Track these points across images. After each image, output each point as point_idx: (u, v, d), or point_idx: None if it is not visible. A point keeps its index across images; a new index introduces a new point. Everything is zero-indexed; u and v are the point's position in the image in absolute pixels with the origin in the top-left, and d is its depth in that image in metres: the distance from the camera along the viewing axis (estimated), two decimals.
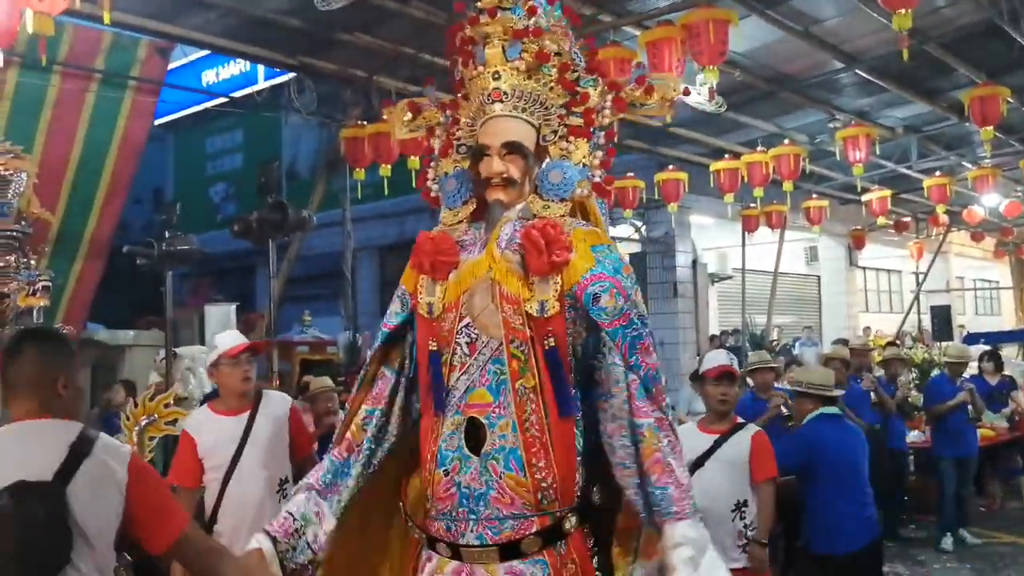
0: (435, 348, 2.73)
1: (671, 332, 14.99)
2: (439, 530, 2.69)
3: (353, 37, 8.29)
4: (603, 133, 2.85)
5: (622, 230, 16.09)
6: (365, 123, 9.05)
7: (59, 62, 7.24)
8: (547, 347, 2.61)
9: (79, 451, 2.46)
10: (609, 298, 2.62)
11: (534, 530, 2.59)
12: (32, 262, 4.40)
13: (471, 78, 2.85)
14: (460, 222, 2.86)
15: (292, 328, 12.68)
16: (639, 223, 15.30)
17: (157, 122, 12.82)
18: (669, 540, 2.53)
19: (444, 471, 2.68)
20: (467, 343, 2.68)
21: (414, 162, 8.81)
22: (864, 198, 14.19)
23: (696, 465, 3.99)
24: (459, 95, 2.91)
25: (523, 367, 2.64)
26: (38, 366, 2.57)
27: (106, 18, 4.78)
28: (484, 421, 2.65)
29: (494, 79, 2.79)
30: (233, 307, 11.10)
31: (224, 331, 4.70)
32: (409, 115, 3.01)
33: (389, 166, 9.01)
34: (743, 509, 4.25)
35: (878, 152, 11.49)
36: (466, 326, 2.69)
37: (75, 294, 8.42)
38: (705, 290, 16.49)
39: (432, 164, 2.94)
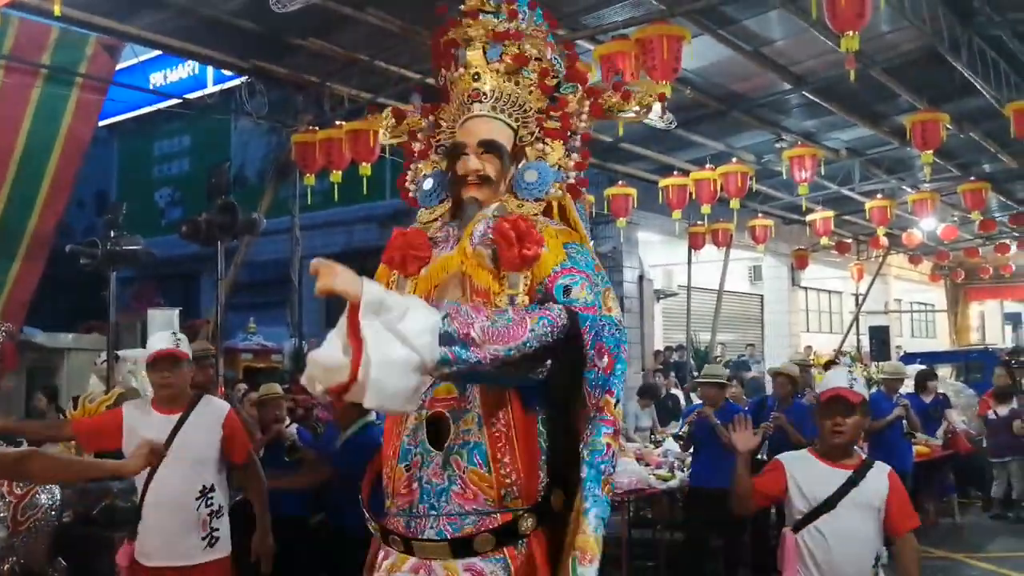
0: None
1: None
2: (397, 526, 2.67)
3: (307, 42, 8.24)
4: (578, 137, 2.89)
5: None
6: (317, 128, 9.00)
7: (3, 55, 7.09)
8: None
9: None
10: (580, 290, 2.62)
11: (493, 527, 2.58)
12: None
13: (452, 81, 2.90)
14: (435, 220, 2.89)
15: (236, 336, 12.52)
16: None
17: (102, 123, 12.59)
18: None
19: (405, 466, 2.68)
20: None
21: (365, 169, 8.79)
22: (808, 218, 14.46)
23: (826, 506, 3.50)
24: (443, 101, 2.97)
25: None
26: None
27: (56, 10, 4.71)
28: (448, 415, 2.64)
29: (474, 80, 2.84)
30: (176, 312, 10.89)
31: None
32: (393, 121, 3.06)
33: (340, 172, 8.96)
34: (879, 565, 3.65)
35: (823, 173, 11.73)
36: None
37: (13, 293, 8.22)
38: (651, 306, 16.63)
39: (412, 167, 2.99)
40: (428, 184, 2.94)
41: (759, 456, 8.00)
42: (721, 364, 10.51)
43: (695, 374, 11.48)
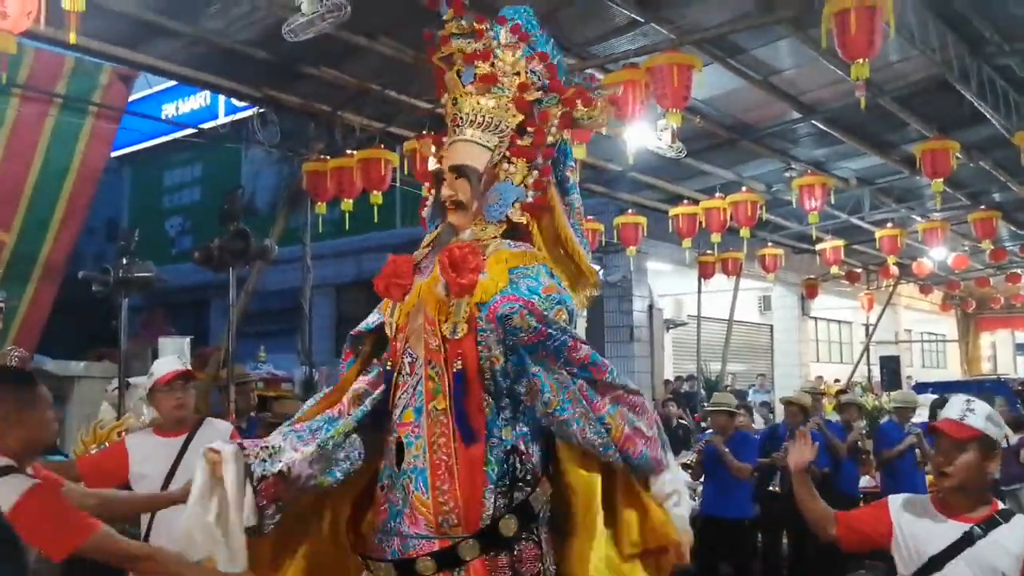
0: (389, 367, 2.83)
1: (626, 376, 15.02)
2: (372, 543, 2.76)
3: (319, 71, 8.30)
4: (541, 152, 2.88)
5: None
6: (328, 158, 9.05)
7: (19, 84, 7.16)
8: (455, 369, 2.66)
9: None
10: (519, 319, 2.63)
11: (431, 551, 2.62)
12: None
13: (445, 107, 2.97)
14: (427, 246, 2.94)
15: (247, 364, 12.52)
16: (597, 267, 15.37)
17: (114, 154, 12.73)
18: (660, 491, 2.75)
19: (381, 486, 2.78)
20: (409, 363, 2.78)
21: (376, 198, 8.83)
22: (818, 248, 14.45)
23: (931, 566, 2.94)
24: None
25: (436, 388, 2.69)
26: None
27: (72, 38, 4.75)
28: (404, 440, 2.71)
29: (453, 105, 2.91)
30: (187, 340, 10.90)
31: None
32: (434, 148, 3.09)
33: (351, 201, 8.99)
34: None
35: (832, 202, 11.73)
36: (409, 347, 2.79)
37: (26, 319, 8.26)
38: (661, 335, 16.59)
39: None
40: (427, 211, 3.04)
41: (771, 487, 7.97)
42: (731, 395, 10.47)
43: (705, 404, 11.41)
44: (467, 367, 2.66)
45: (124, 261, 6.78)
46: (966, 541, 2.90)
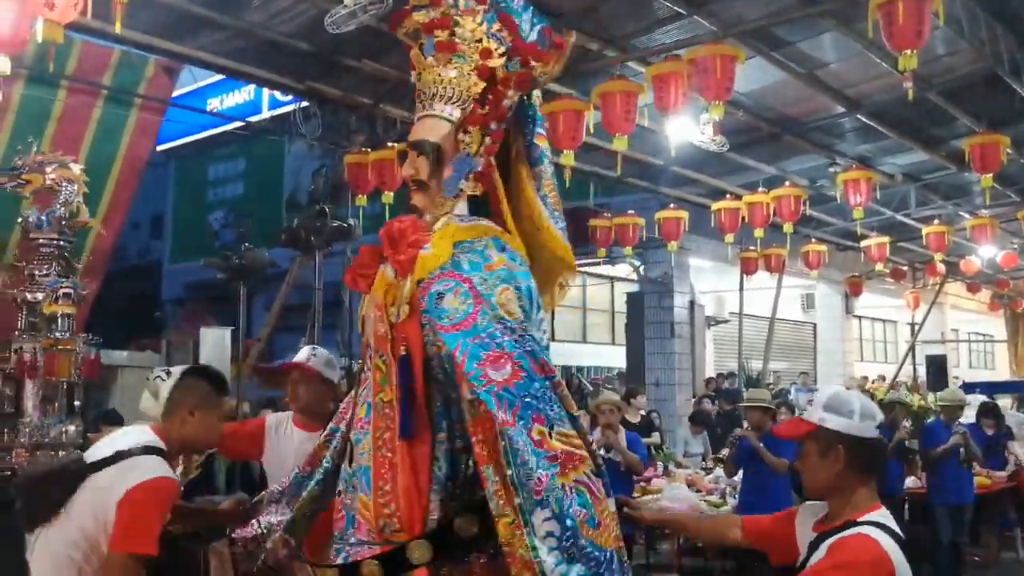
0: (360, 364, 2.71)
1: (667, 372, 14.94)
2: (331, 552, 2.59)
3: (360, 64, 8.33)
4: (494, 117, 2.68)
5: (621, 269, 16.12)
6: (369, 150, 9.08)
7: (66, 76, 7.26)
8: (400, 355, 2.47)
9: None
10: (453, 297, 2.41)
11: (373, 556, 2.43)
12: (73, 273, 4.37)
13: None
14: None
15: (286, 356, 12.62)
16: (637, 263, 15.31)
17: (160, 148, 12.88)
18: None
19: (338, 492, 2.63)
20: (369, 356, 2.61)
21: None
22: (863, 244, 14.23)
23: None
24: None
25: (383, 379, 2.52)
26: None
27: (117, 27, 4.79)
28: (352, 438, 2.57)
29: (418, 80, 2.72)
30: (228, 331, 11.05)
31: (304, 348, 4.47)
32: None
33: (392, 193, 9.01)
34: None
35: (878, 198, 11.55)
36: (368, 338, 2.64)
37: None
38: (702, 332, 16.46)
39: None
40: None
41: None
42: (765, 390, 10.39)
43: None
44: (411, 352, 2.45)
45: (244, 247, 6.96)
46: (811, 551, 2.61)
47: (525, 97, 2.76)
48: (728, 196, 11.58)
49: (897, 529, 2.52)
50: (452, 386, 2.44)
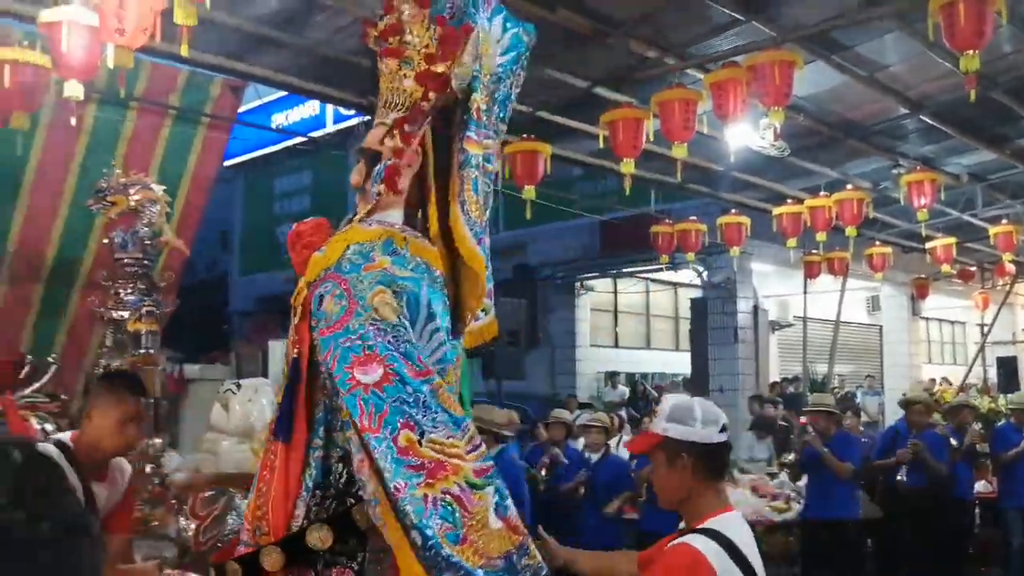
0: None
1: (730, 378, 14.85)
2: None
3: None
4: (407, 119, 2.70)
5: (684, 274, 16.06)
6: None
7: (136, 98, 7.49)
8: (292, 357, 2.50)
9: None
10: (330, 300, 2.42)
11: (238, 556, 2.44)
12: (156, 291, 4.55)
13: None
14: None
15: None
16: (700, 268, 15.24)
17: (227, 163, 13.18)
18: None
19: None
20: None
21: None
22: (928, 246, 13.97)
23: None
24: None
25: (284, 382, 2.56)
26: None
27: (184, 50, 4.95)
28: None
29: (377, 90, 2.79)
30: None
31: None
32: None
33: None
34: None
35: (943, 199, 11.34)
36: None
37: None
38: (765, 337, 16.31)
39: None
40: None
41: (899, 477, 7.82)
42: (831, 394, 10.29)
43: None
44: (300, 355, 2.46)
45: None
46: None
47: (467, 103, 2.75)
48: (790, 201, 11.49)
49: (735, 535, 2.51)
50: (336, 392, 2.39)
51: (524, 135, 8.56)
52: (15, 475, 0.75)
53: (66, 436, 3.21)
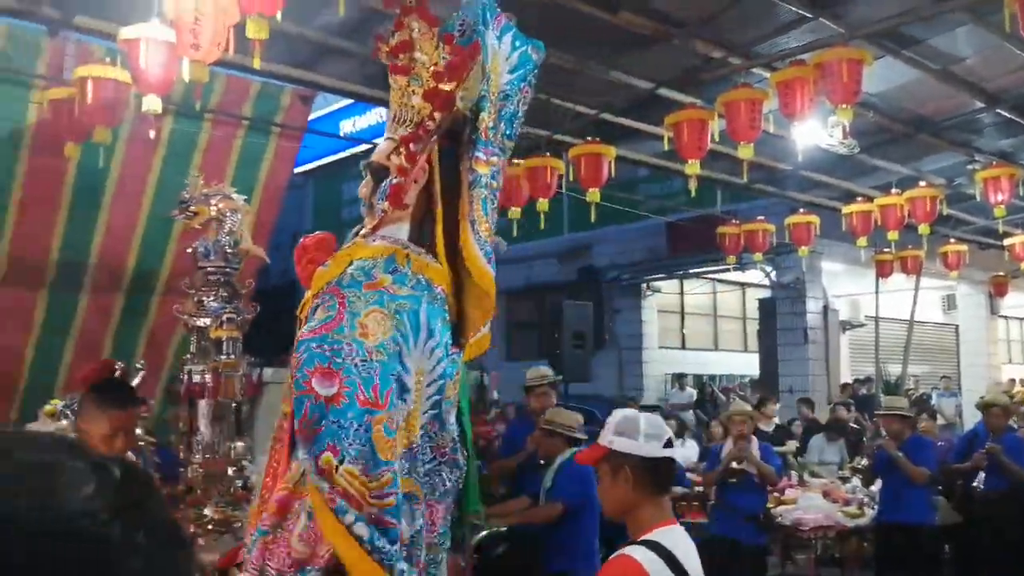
0: None
1: (801, 379, 14.65)
2: None
3: None
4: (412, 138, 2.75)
5: (752, 275, 15.89)
6: None
7: (210, 110, 7.68)
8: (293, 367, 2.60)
9: None
10: (321, 311, 2.52)
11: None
12: (238, 299, 4.68)
13: None
14: None
15: None
16: (768, 268, 15.06)
17: (298, 170, 13.42)
18: None
19: None
20: None
21: (543, 205, 8.97)
22: (1006, 242, 13.59)
23: None
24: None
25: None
26: None
27: (256, 62, 5.07)
28: None
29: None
30: None
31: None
32: None
33: (519, 209, 9.17)
34: None
35: (1021, 194, 11.03)
36: None
37: None
38: (836, 337, 16.05)
39: None
40: None
41: (974, 484, 7.66)
42: (904, 397, 10.07)
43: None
44: None
45: None
46: None
47: (475, 122, 2.80)
48: (860, 199, 11.29)
49: (676, 547, 2.53)
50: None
51: (588, 138, 8.56)
52: (116, 491, 0.77)
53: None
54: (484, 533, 5.38)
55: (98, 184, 7.34)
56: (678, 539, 2.61)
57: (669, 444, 2.67)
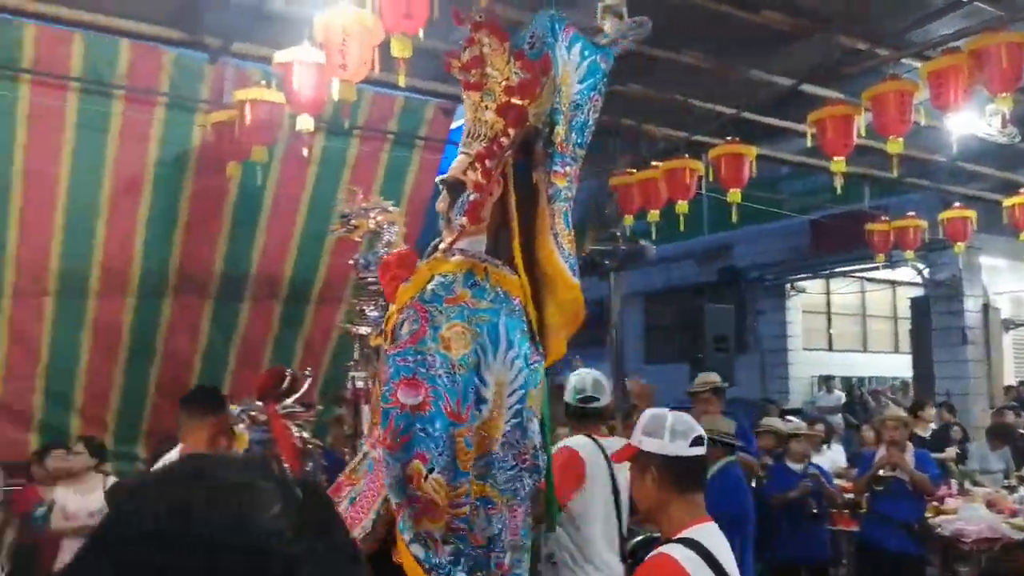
0: None
1: (959, 382, 13.98)
2: None
3: (623, 87, 8.51)
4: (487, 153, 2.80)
5: (903, 272, 15.30)
6: (634, 170, 9.25)
7: (358, 126, 7.96)
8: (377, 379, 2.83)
9: None
10: (406, 325, 2.63)
11: None
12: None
13: None
14: None
15: (562, 372, 13.02)
16: (921, 265, 14.45)
17: (440, 178, 13.69)
18: None
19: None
20: None
21: (682, 207, 8.89)
22: None
23: None
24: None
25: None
26: None
27: (400, 80, 5.23)
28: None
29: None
30: None
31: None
32: None
33: (657, 212, 9.12)
34: None
35: None
36: None
37: None
38: (998, 337, 15.23)
39: None
40: None
41: None
42: None
43: None
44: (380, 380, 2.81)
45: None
46: None
47: (550, 135, 2.86)
48: (1022, 190, 10.71)
49: (712, 545, 2.54)
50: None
51: (728, 138, 8.44)
52: (300, 510, 0.82)
53: (174, 455, 3.52)
54: (639, 538, 5.36)
55: (256, 201, 7.72)
56: (715, 537, 2.62)
57: (699, 443, 2.69)
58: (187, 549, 0.77)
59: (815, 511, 7.18)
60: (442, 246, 2.87)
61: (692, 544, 2.54)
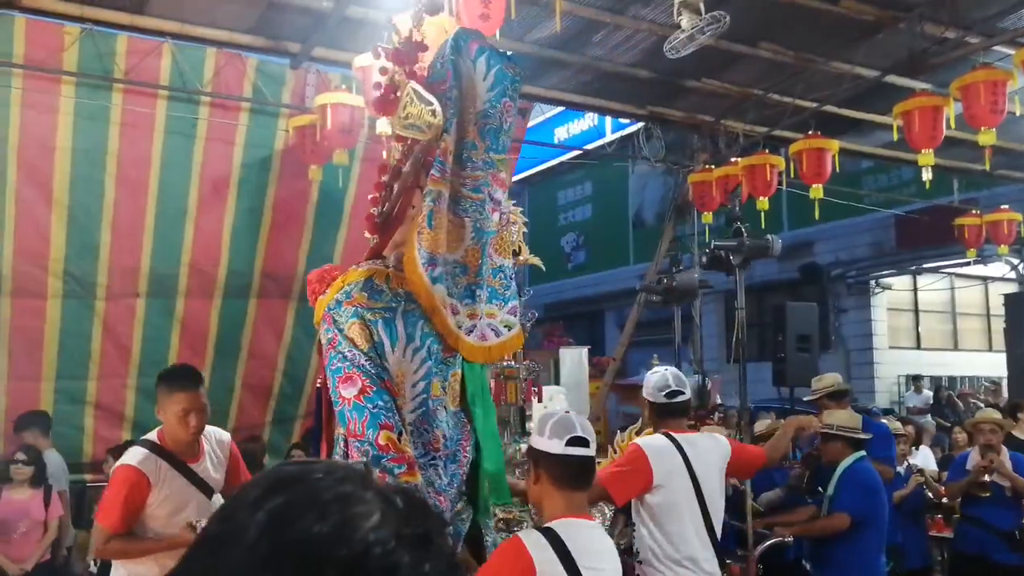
0: None
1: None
2: None
3: (700, 83, 8.45)
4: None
5: (995, 268, 14.82)
6: (713, 167, 9.15)
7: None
8: (316, 387, 3.28)
9: None
10: (324, 334, 2.98)
11: None
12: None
13: None
14: None
15: (640, 372, 12.95)
16: (1016, 260, 13.98)
17: (515, 178, 13.77)
18: None
19: None
20: None
21: (762, 203, 8.76)
22: None
23: None
24: None
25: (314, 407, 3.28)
26: None
27: None
28: None
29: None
30: (585, 350, 11.53)
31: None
32: None
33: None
34: None
35: None
36: None
37: None
38: None
39: None
40: None
41: None
42: None
43: None
44: (323, 384, 3.02)
45: (675, 270, 8.39)
46: None
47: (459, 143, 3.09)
48: None
49: (570, 537, 2.64)
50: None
51: (809, 132, 8.28)
52: (401, 520, 0.83)
53: (153, 435, 3.91)
54: (770, 542, 5.27)
55: (337, 203, 7.85)
56: (580, 532, 2.72)
57: (576, 443, 2.79)
58: (290, 559, 0.79)
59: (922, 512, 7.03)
60: (362, 259, 3.25)
61: (547, 532, 2.68)
